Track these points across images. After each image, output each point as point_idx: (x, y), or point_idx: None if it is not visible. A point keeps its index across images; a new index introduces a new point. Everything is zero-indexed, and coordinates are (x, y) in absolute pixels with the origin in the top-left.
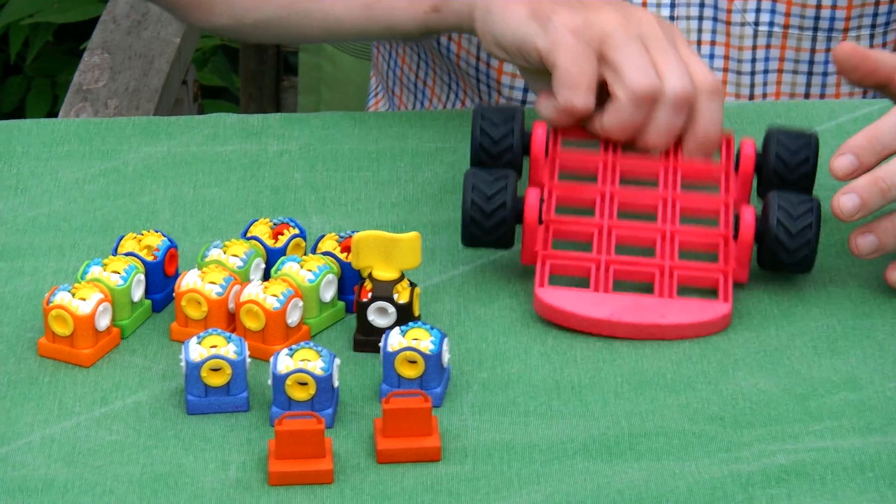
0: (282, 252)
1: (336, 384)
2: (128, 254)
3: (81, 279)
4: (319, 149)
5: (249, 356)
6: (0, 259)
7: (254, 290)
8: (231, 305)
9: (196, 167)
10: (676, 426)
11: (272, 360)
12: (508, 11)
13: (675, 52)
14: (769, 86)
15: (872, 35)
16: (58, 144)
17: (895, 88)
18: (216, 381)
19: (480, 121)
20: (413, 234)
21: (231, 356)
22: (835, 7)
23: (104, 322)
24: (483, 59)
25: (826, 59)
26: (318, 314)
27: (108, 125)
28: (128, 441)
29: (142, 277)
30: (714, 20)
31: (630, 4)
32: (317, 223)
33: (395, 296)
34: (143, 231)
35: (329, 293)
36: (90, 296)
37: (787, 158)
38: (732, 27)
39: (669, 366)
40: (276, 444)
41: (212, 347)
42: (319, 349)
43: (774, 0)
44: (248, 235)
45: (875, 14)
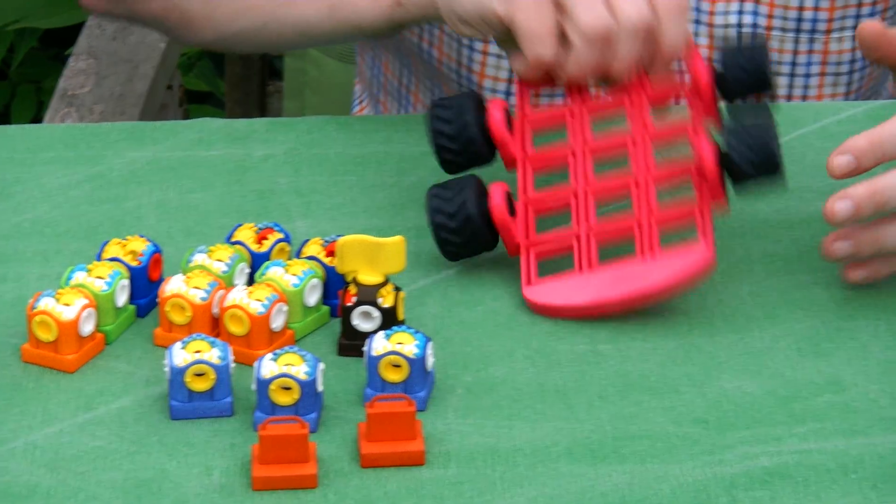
0: (266, 256)
1: (320, 389)
2: (112, 259)
3: (65, 285)
4: (304, 153)
5: (234, 361)
6: None
7: (238, 295)
8: (215, 310)
9: (181, 172)
10: (660, 429)
11: (256, 365)
12: None
13: None
14: None
15: (855, 37)
16: (43, 150)
17: None
18: (200, 387)
19: (434, 123)
20: (397, 239)
21: (215, 361)
22: (817, 9)
23: (88, 327)
24: (464, 64)
25: (808, 61)
26: (303, 319)
27: (94, 130)
28: (111, 447)
29: (126, 283)
30: (697, 22)
31: None
32: (301, 227)
33: (380, 300)
34: (128, 236)
35: (313, 297)
36: (74, 301)
37: (740, 67)
38: (715, 29)
39: (653, 368)
40: (260, 449)
41: (196, 352)
42: (304, 354)
43: (757, 2)
44: (233, 240)
45: (857, 16)
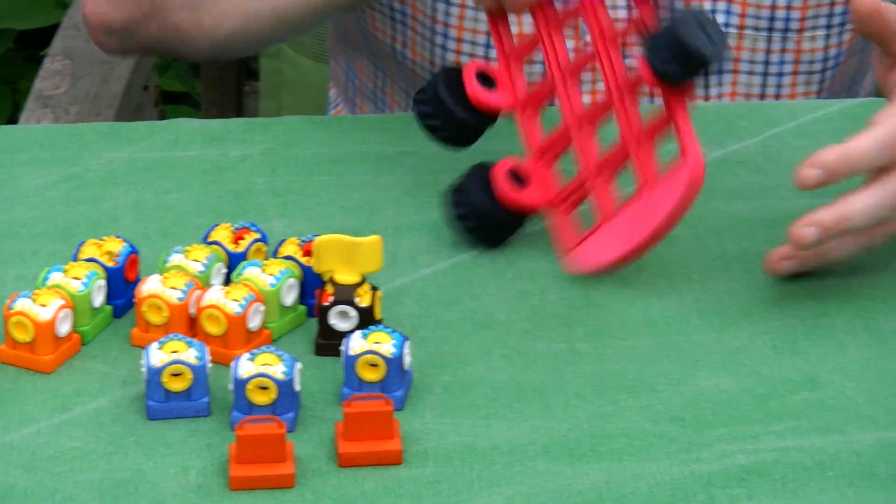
0: (243, 256)
1: (297, 388)
2: (88, 259)
3: (42, 285)
4: (281, 153)
5: (211, 361)
6: None
7: (215, 295)
8: (192, 310)
9: (157, 173)
10: (637, 427)
11: (233, 365)
12: None
13: None
14: (724, 86)
15: (828, 35)
16: (19, 151)
17: (890, 48)
18: (177, 387)
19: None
20: (374, 238)
21: (192, 361)
22: (790, 8)
23: (65, 328)
24: (437, 64)
25: (781, 60)
26: (280, 318)
27: (69, 131)
28: (88, 447)
29: (102, 283)
30: None
31: None
32: (278, 227)
33: (357, 299)
34: (104, 237)
35: (290, 297)
36: (51, 302)
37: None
38: None
39: (630, 367)
40: (237, 449)
41: (173, 353)
42: (281, 353)
43: (729, 1)
44: (209, 240)
45: (830, 14)
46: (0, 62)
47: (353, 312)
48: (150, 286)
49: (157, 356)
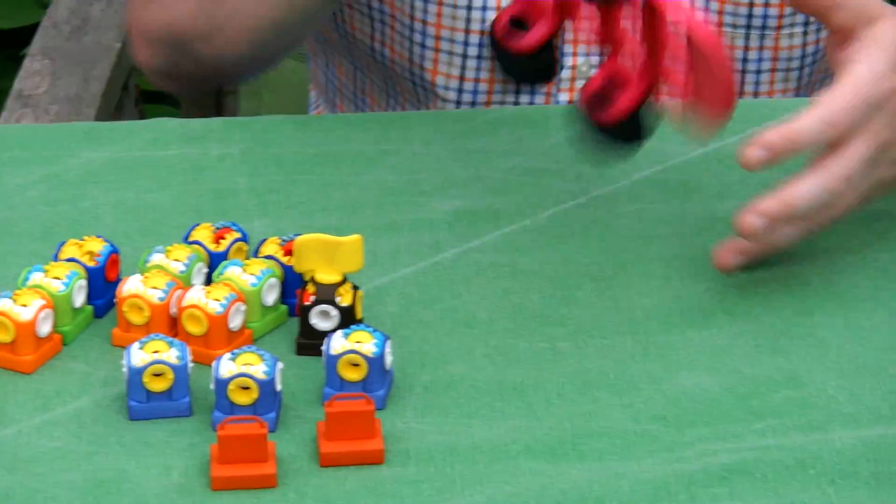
0: (224, 256)
1: (279, 388)
2: (69, 259)
3: (22, 285)
4: (261, 152)
5: (192, 361)
6: None
7: (196, 295)
8: (173, 310)
9: (138, 172)
10: (619, 426)
11: (214, 365)
12: None
13: None
14: None
15: (805, 32)
16: None
17: (829, 21)
18: (158, 387)
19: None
20: (355, 237)
21: (173, 361)
22: (767, 5)
23: (45, 328)
24: (416, 62)
25: (759, 58)
26: (261, 318)
27: (50, 131)
28: (69, 447)
29: (83, 283)
30: None
31: None
32: (259, 227)
33: (338, 299)
34: (85, 237)
35: (271, 297)
36: (31, 302)
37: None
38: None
39: (612, 366)
40: (219, 449)
41: (154, 353)
42: (262, 353)
43: None
44: (190, 240)
45: None
46: None
47: (335, 312)
48: (131, 286)
49: (139, 356)
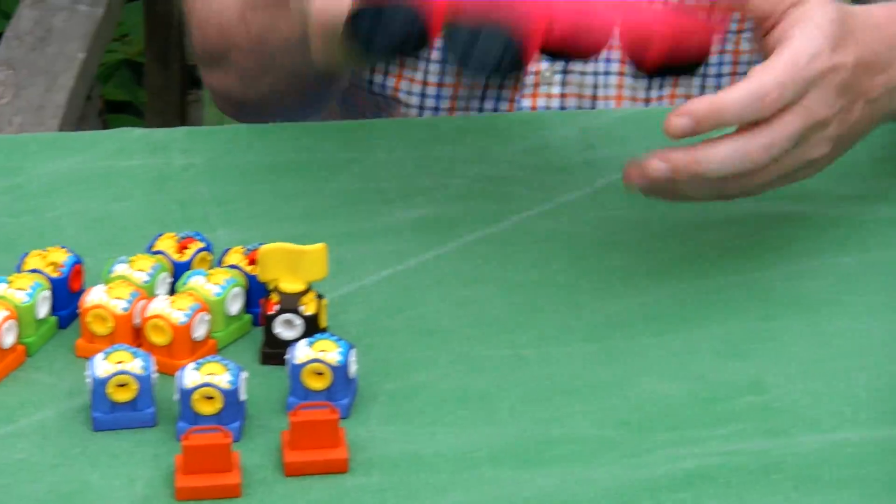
0: (187, 266)
1: (243, 398)
2: (32, 270)
3: None
4: (224, 162)
5: (156, 371)
6: None
7: (160, 305)
8: (137, 320)
9: (101, 182)
10: (583, 432)
11: (178, 375)
12: None
13: None
14: (665, 89)
15: None
16: None
17: (750, 9)
18: (122, 397)
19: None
20: (319, 246)
21: (137, 371)
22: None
23: (9, 339)
24: (379, 70)
25: (720, 62)
26: (225, 328)
27: (12, 142)
28: (33, 459)
29: (47, 294)
30: None
31: None
32: (223, 236)
33: (302, 308)
34: (48, 247)
35: (235, 306)
36: None
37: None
38: None
39: (575, 372)
40: (184, 459)
41: (118, 363)
42: (226, 363)
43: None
44: (154, 250)
45: None
46: None
47: (299, 321)
48: (95, 296)
49: (102, 367)
